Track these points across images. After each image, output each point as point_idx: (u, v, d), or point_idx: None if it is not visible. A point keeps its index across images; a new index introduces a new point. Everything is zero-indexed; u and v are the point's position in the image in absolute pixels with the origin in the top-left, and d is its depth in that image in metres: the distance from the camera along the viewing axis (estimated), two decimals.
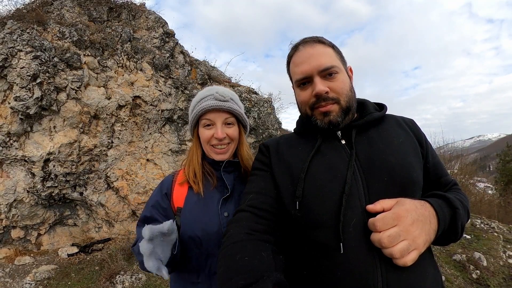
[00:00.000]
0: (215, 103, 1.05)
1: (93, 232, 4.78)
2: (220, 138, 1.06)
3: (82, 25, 4.33)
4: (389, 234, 0.66)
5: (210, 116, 1.07)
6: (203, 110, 1.06)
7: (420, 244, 0.67)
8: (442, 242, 0.81)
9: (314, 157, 0.86)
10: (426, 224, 0.69)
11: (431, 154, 0.92)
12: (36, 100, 3.78)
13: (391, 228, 0.67)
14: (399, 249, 0.66)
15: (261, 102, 5.36)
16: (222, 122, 1.08)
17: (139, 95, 4.50)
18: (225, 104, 1.07)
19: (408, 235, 0.66)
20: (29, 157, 3.96)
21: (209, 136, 1.08)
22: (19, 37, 3.81)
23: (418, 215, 0.69)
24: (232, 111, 1.09)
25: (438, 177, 0.91)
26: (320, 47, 0.88)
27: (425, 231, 0.69)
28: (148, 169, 4.78)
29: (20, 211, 4.15)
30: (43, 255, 4.31)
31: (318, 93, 0.84)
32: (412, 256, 0.67)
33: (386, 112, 0.97)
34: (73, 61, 4.05)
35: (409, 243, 0.66)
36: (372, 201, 0.74)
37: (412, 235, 0.67)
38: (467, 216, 0.83)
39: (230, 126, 1.10)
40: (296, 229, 0.82)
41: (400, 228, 0.66)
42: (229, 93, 1.12)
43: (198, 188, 1.07)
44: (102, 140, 4.40)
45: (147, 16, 5.05)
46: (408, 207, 0.70)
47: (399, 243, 0.66)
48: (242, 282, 0.63)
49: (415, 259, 0.67)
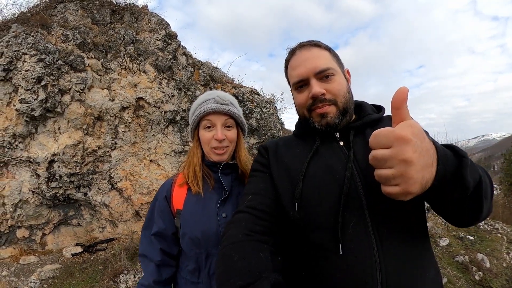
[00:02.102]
0: (216, 106, 1.09)
1: (97, 232, 4.82)
2: (220, 139, 1.09)
3: (86, 27, 4.38)
4: (377, 155, 0.57)
5: (211, 118, 1.10)
6: (205, 112, 1.10)
7: (412, 184, 0.54)
8: (455, 205, 0.64)
9: (312, 158, 0.86)
10: (428, 162, 0.56)
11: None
12: (40, 102, 3.84)
13: (384, 149, 0.56)
14: (380, 174, 0.58)
15: (263, 103, 5.37)
16: (222, 124, 1.11)
17: (142, 96, 4.54)
18: (225, 107, 1.10)
19: (399, 164, 0.54)
20: (34, 158, 4.02)
21: (209, 138, 1.11)
22: (23, 41, 3.86)
23: (423, 145, 0.55)
24: (232, 114, 1.12)
25: None
26: (316, 50, 0.89)
27: (424, 170, 0.55)
28: (152, 170, 4.82)
29: (25, 211, 4.21)
30: (47, 254, 4.37)
31: (314, 95, 0.85)
32: (394, 191, 0.56)
33: (385, 114, 0.97)
34: (77, 63, 4.10)
35: (393, 174, 0.55)
36: (370, 202, 0.74)
37: (406, 167, 0.53)
38: (489, 182, 0.68)
39: (229, 129, 1.13)
40: (295, 230, 0.82)
41: (393, 152, 0.54)
42: (230, 97, 1.16)
43: (198, 188, 1.09)
44: (106, 141, 4.44)
45: (149, 18, 5.09)
46: (417, 130, 0.55)
47: (385, 169, 0.56)
48: (240, 283, 0.63)
49: (398, 196, 0.57)
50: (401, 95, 0.59)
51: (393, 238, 0.73)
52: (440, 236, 4.72)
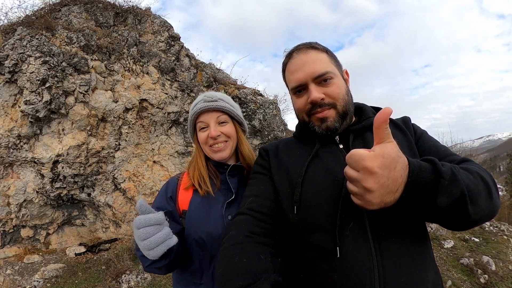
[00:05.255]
0: (204, 105, 1.11)
1: (100, 232, 4.86)
2: (214, 136, 1.09)
3: (89, 30, 4.43)
4: (345, 171, 0.65)
5: (203, 118, 1.12)
6: (195, 114, 1.12)
7: (370, 204, 0.61)
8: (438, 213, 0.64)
9: (312, 161, 0.86)
10: (389, 186, 0.60)
11: (424, 139, 0.90)
12: (45, 103, 3.88)
13: (353, 170, 0.63)
14: (348, 186, 0.65)
15: (266, 104, 5.38)
16: (215, 121, 1.12)
17: (146, 98, 4.57)
18: (213, 103, 1.11)
19: (360, 189, 0.61)
20: (39, 158, 4.06)
21: (205, 137, 1.11)
22: (28, 43, 3.91)
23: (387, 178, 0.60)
24: (221, 109, 1.12)
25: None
26: (313, 53, 0.88)
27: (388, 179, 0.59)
28: (155, 171, 4.84)
29: (29, 211, 4.25)
30: (51, 254, 4.40)
31: (313, 100, 0.84)
32: (357, 202, 0.63)
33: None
34: (81, 65, 4.14)
35: (356, 192, 0.63)
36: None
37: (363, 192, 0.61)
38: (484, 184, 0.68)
39: (224, 125, 1.13)
40: (294, 232, 0.82)
41: (358, 176, 0.61)
42: (218, 94, 1.17)
43: (206, 188, 1.09)
44: (109, 143, 4.48)
45: (152, 20, 5.13)
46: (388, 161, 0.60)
47: (351, 184, 0.64)
48: (240, 283, 0.64)
49: (359, 205, 0.63)
50: (382, 116, 0.62)
51: (392, 241, 0.72)
52: (444, 238, 4.68)
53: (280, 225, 0.86)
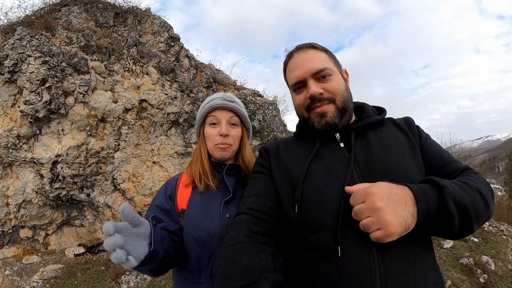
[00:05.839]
0: (222, 102, 1.13)
1: (99, 233, 4.84)
2: (224, 134, 1.11)
3: (89, 30, 4.43)
4: (356, 209, 0.69)
5: (216, 114, 1.14)
6: (211, 107, 1.14)
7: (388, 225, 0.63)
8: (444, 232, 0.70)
9: (313, 160, 0.87)
10: (400, 205, 0.65)
11: (428, 144, 0.90)
12: (44, 103, 3.88)
13: (360, 204, 0.68)
14: (362, 224, 0.67)
15: (266, 105, 5.38)
16: (227, 121, 1.14)
17: (145, 98, 4.57)
18: (231, 104, 1.14)
19: (373, 212, 0.65)
20: (38, 159, 4.05)
21: (214, 134, 1.13)
22: (28, 43, 3.91)
23: (390, 193, 0.66)
24: (237, 111, 1.16)
25: (441, 167, 0.86)
26: (313, 52, 0.91)
27: (397, 212, 0.64)
28: (154, 171, 4.84)
29: (28, 212, 4.24)
30: (50, 254, 4.39)
31: (312, 95, 0.86)
32: (377, 235, 0.65)
33: (386, 116, 0.97)
34: (81, 65, 4.14)
35: (371, 221, 0.65)
36: None
37: (378, 213, 0.64)
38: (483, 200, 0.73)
39: (234, 127, 1.16)
40: (295, 231, 0.82)
41: (366, 204, 0.66)
42: (236, 98, 1.21)
43: (207, 181, 1.10)
44: (109, 143, 4.47)
45: (152, 21, 5.12)
46: (382, 186, 0.68)
47: (365, 218, 0.67)
48: (241, 283, 0.64)
49: (383, 238, 0.65)
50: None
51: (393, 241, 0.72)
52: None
53: (280, 224, 0.86)
